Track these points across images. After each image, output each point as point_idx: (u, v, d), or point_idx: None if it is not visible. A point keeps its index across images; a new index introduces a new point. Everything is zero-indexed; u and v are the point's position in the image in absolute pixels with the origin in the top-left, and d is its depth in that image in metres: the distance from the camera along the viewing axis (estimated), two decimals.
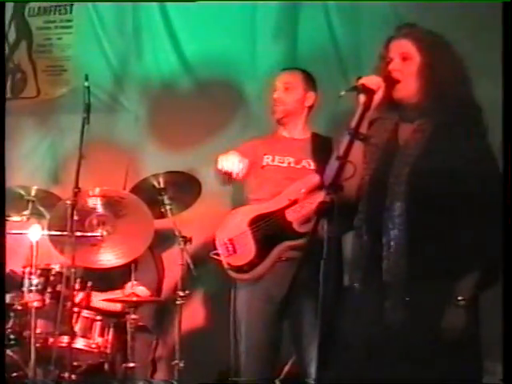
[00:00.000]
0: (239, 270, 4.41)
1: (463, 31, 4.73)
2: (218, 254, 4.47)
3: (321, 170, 4.13)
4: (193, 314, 5.39)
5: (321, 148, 4.37)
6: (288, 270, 4.01)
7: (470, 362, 3.08)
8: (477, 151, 3.08)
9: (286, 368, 4.71)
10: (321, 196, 3.89)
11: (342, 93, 3.16)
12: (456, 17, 4.93)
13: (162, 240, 5.24)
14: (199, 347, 5.35)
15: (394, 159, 3.15)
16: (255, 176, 4.53)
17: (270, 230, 4.33)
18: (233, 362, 4.57)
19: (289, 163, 4.49)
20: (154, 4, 5.81)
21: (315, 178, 4.30)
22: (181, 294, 4.88)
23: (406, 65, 3.14)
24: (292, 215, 4.28)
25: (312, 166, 4.44)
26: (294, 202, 4.27)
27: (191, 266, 4.98)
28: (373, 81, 3.11)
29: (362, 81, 3.11)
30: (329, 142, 4.40)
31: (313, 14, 5.38)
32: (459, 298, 3.00)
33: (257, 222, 4.38)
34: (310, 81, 4.58)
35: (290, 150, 4.50)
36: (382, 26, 4.07)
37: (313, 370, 3.93)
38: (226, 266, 4.46)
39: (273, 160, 4.52)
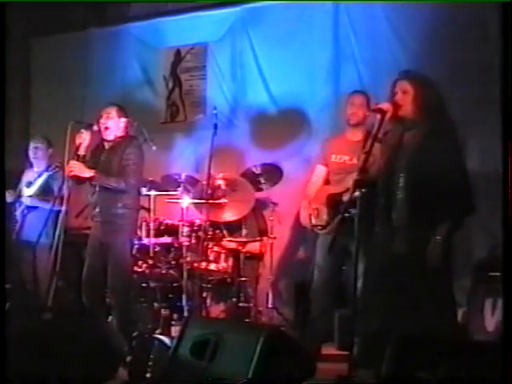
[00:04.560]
0: (319, 228, 4.12)
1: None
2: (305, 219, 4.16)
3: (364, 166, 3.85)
4: (284, 248, 5.34)
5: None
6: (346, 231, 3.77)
7: (444, 278, 3.05)
8: (448, 149, 3.04)
9: None
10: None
11: (367, 113, 3.20)
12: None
13: (260, 205, 5.20)
14: (288, 267, 5.33)
15: (398, 153, 3.13)
16: (328, 167, 4.19)
17: (334, 205, 3.98)
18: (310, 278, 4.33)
19: (344, 160, 4.11)
20: (252, 58, 5.71)
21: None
22: (271, 236, 4.94)
23: (405, 96, 3.12)
24: (345, 198, 3.84)
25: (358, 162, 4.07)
26: (347, 190, 3.85)
27: (276, 221, 5.02)
28: (385, 105, 3.11)
29: (378, 105, 3.13)
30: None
31: (348, 64, 5.29)
32: (437, 237, 2.98)
33: (329, 198, 4.03)
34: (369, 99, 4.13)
35: (347, 149, 4.09)
36: (390, 71, 4.02)
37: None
38: (311, 224, 4.15)
39: (335, 157, 4.14)
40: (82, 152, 4.14)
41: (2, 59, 5.31)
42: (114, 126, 4.28)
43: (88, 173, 4.11)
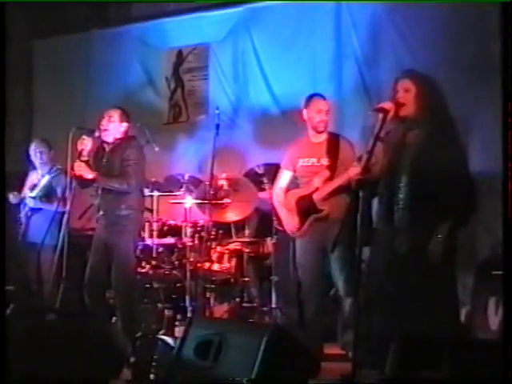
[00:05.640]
0: (291, 232, 4.22)
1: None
2: (280, 224, 4.26)
3: (332, 165, 4.01)
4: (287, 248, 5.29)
5: (332, 147, 4.11)
6: (321, 230, 3.96)
7: (447, 274, 3.04)
8: (451, 148, 3.03)
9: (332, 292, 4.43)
10: (332, 183, 3.96)
11: (369, 112, 3.18)
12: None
13: (262, 204, 5.10)
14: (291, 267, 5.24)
15: (402, 153, 3.12)
16: (297, 171, 4.25)
17: (304, 207, 4.12)
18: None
19: (312, 163, 4.17)
20: (254, 59, 5.72)
21: (327, 173, 4.06)
22: (275, 237, 4.89)
23: (407, 95, 3.10)
24: (316, 197, 4.07)
25: (326, 162, 4.10)
26: (316, 189, 4.06)
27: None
28: (387, 105, 3.09)
29: (380, 105, 3.11)
30: (337, 139, 4.14)
31: (350, 64, 5.29)
32: (438, 236, 2.96)
33: (298, 202, 4.15)
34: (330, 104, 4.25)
35: (314, 152, 4.17)
36: (392, 71, 4.02)
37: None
38: (282, 229, 4.30)
39: (303, 161, 4.19)
40: (84, 158, 4.17)
41: (3, 60, 5.34)
42: (113, 129, 4.30)
43: (91, 174, 4.12)
